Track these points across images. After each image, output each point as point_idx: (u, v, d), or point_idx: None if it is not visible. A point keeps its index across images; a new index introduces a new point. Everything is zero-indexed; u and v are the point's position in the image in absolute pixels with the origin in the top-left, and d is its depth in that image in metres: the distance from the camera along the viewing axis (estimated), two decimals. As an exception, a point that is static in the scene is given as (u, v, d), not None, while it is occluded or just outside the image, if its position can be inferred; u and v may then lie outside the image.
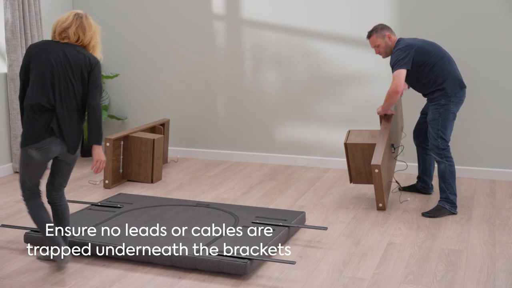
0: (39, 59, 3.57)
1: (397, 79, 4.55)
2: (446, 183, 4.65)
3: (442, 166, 4.65)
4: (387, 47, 4.76)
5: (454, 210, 4.63)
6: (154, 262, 3.85)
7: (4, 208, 4.97)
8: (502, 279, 3.58)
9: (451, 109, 4.63)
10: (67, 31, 3.64)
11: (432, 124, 4.67)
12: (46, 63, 3.56)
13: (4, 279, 3.64)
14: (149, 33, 6.69)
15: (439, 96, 4.63)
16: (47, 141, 3.56)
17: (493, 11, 5.48)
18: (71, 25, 3.64)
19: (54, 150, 3.59)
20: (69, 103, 3.60)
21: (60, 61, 3.57)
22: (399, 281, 3.57)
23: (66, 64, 3.58)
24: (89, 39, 3.69)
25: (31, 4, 5.97)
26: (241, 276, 3.64)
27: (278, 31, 6.19)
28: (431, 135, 4.69)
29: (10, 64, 5.89)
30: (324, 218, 4.65)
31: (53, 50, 3.59)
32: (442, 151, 4.64)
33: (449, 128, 4.65)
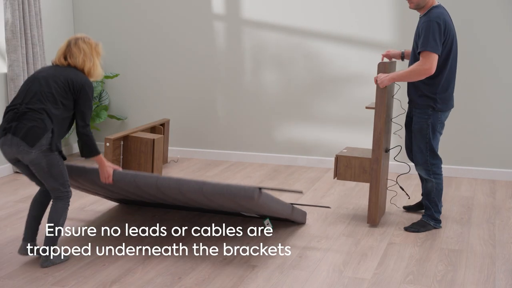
0: (30, 77, 3.73)
1: (432, 62, 3.96)
2: (431, 201, 4.34)
3: (429, 185, 4.31)
4: (423, 1, 4.09)
5: (438, 226, 4.37)
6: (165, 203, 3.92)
7: (4, 208, 4.97)
8: (502, 279, 3.58)
9: (440, 118, 4.20)
10: (61, 57, 3.77)
11: (419, 136, 4.22)
12: (33, 77, 3.70)
13: (4, 279, 3.64)
14: (149, 33, 6.69)
15: (426, 104, 4.17)
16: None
17: (495, 10, 5.48)
18: (63, 54, 3.76)
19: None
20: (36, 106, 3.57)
21: (46, 76, 3.66)
22: (399, 281, 3.57)
23: (51, 80, 3.64)
24: (82, 63, 3.74)
25: (31, 4, 5.97)
26: (241, 275, 3.64)
27: (278, 31, 6.19)
28: (417, 147, 4.25)
29: (10, 64, 5.89)
30: (324, 218, 4.65)
31: (46, 70, 3.73)
32: (431, 167, 4.26)
33: (438, 138, 4.26)
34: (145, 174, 3.90)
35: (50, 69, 3.74)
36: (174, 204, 4.42)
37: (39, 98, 3.57)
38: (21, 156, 3.52)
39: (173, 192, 3.89)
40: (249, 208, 4.00)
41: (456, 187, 5.42)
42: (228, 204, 3.93)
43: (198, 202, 4.04)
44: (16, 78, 5.89)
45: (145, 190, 3.98)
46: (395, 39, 5.77)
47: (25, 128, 3.48)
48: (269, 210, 4.03)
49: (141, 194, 4.16)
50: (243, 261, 3.85)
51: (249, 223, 4.53)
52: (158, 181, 3.85)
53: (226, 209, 4.27)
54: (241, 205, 3.90)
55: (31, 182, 5.70)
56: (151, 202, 4.60)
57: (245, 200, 3.72)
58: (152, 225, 4.51)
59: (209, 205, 4.13)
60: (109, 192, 4.33)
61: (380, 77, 4.17)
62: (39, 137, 3.48)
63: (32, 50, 6.04)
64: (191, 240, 4.21)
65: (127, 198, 4.53)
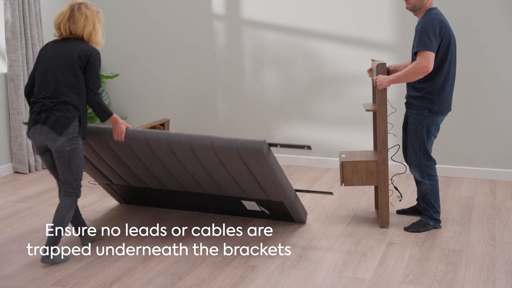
0: (38, 62, 3.87)
1: (428, 59, 3.98)
2: (429, 203, 4.33)
3: (424, 187, 4.30)
4: (420, 3, 4.11)
5: (438, 226, 4.37)
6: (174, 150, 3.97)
7: (4, 208, 4.97)
8: (502, 279, 3.58)
9: (436, 120, 4.19)
10: (60, 28, 3.82)
11: (414, 137, 4.23)
12: (44, 66, 3.81)
13: (4, 279, 3.64)
14: (149, 33, 6.69)
15: (423, 106, 4.17)
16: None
17: (495, 10, 5.48)
18: (63, 20, 3.81)
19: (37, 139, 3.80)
20: (55, 94, 3.74)
21: (58, 64, 3.76)
22: (399, 281, 3.57)
23: (63, 66, 3.75)
24: (82, 28, 3.80)
25: (31, 4, 5.97)
26: (241, 275, 3.64)
27: (278, 31, 6.19)
28: (411, 148, 4.25)
29: (10, 64, 5.89)
30: (324, 218, 4.65)
31: (53, 55, 3.79)
32: (424, 168, 4.25)
33: (432, 141, 4.25)
34: (156, 131, 3.99)
35: (55, 51, 3.80)
36: (180, 182, 4.41)
37: (60, 90, 3.73)
38: (49, 143, 3.72)
39: (184, 150, 3.94)
40: (256, 171, 3.98)
41: (456, 187, 5.42)
42: (236, 165, 3.94)
43: (207, 164, 4.04)
44: (16, 78, 5.89)
45: (155, 150, 4.04)
46: (395, 39, 5.77)
47: (54, 118, 3.69)
48: (274, 182, 4.05)
49: (149, 160, 4.18)
50: (243, 261, 3.85)
51: (249, 223, 4.53)
52: (169, 137, 3.94)
53: (229, 188, 4.27)
54: (249, 166, 3.92)
55: (31, 182, 5.71)
56: (155, 188, 4.61)
57: (253, 154, 3.78)
58: (152, 225, 4.51)
59: (216, 173, 4.12)
60: (115, 162, 4.35)
61: (380, 78, 4.17)
62: (66, 126, 3.69)
63: (32, 50, 6.05)
64: (191, 240, 4.21)
65: (131, 176, 4.52)
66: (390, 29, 5.79)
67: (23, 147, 5.97)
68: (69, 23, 3.78)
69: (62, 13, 3.81)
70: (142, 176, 4.47)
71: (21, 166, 6.01)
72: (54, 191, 5.42)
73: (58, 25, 3.83)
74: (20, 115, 5.92)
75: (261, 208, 4.41)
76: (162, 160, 4.18)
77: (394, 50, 5.79)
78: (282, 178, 4.09)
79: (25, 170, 6.01)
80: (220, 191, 4.42)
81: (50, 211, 4.88)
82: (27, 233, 4.39)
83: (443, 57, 4.11)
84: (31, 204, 5.06)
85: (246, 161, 3.89)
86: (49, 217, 4.73)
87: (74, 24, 3.78)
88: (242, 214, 4.64)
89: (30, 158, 6.05)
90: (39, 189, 5.48)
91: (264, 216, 4.59)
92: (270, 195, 4.26)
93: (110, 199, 5.13)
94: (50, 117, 3.69)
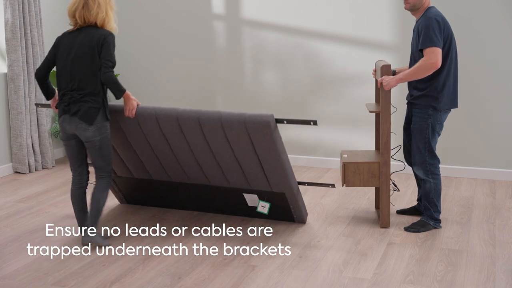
0: (57, 53, 4.03)
1: (437, 55, 4.00)
2: (431, 202, 4.33)
3: (428, 186, 4.30)
4: (419, 2, 4.14)
5: (438, 226, 4.37)
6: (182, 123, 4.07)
7: (4, 208, 4.97)
8: (502, 279, 3.58)
9: (440, 118, 4.22)
10: (75, 17, 3.97)
11: (419, 136, 4.24)
12: (59, 60, 4.01)
13: (4, 279, 3.64)
14: (149, 33, 6.69)
15: (427, 104, 4.18)
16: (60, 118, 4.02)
17: (496, 9, 5.48)
18: (77, 8, 3.95)
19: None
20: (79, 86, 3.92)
21: (79, 55, 3.92)
22: (399, 281, 3.57)
23: (78, 54, 3.92)
24: (95, 15, 3.95)
25: (31, 4, 5.97)
26: (241, 275, 3.64)
27: (278, 31, 6.19)
28: (416, 147, 4.27)
29: (10, 64, 5.89)
30: (324, 218, 4.65)
31: (73, 47, 3.94)
32: (429, 167, 4.26)
33: (436, 139, 4.27)
34: (165, 108, 4.12)
35: (74, 44, 3.94)
36: (184, 169, 4.45)
37: (85, 82, 3.90)
38: (78, 133, 3.93)
39: (192, 125, 4.06)
40: (261, 150, 4.04)
41: (456, 187, 5.42)
42: (241, 143, 4.03)
43: (213, 143, 4.12)
44: (16, 78, 5.89)
45: (163, 128, 4.15)
46: (395, 39, 5.77)
47: (83, 110, 3.89)
48: (278, 166, 4.09)
49: (156, 141, 4.27)
50: (243, 261, 3.85)
51: (249, 223, 4.54)
52: (178, 112, 4.06)
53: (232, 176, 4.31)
54: (254, 143, 4.01)
55: (31, 182, 5.71)
56: (158, 180, 4.63)
57: (260, 128, 3.88)
58: (152, 225, 4.51)
59: (220, 155, 4.19)
60: (122, 146, 4.42)
61: (386, 79, 4.16)
62: (95, 115, 3.90)
63: (32, 50, 6.05)
64: (191, 240, 4.21)
65: (135, 164, 4.57)
66: (390, 29, 5.79)
67: (23, 147, 5.97)
68: (83, 10, 3.93)
69: (76, 1, 3.94)
70: (147, 163, 4.50)
71: (21, 166, 6.01)
72: (54, 191, 5.42)
73: (73, 13, 3.96)
74: (20, 115, 5.92)
75: (262, 203, 4.40)
76: (169, 141, 4.24)
77: (394, 50, 5.79)
78: (285, 162, 4.12)
79: (25, 170, 6.01)
80: (223, 181, 4.42)
81: (50, 211, 4.88)
82: (27, 233, 4.39)
83: (445, 54, 4.13)
84: (31, 204, 5.06)
85: (252, 137, 3.97)
86: (49, 217, 4.73)
87: (88, 12, 3.93)
88: (243, 213, 4.63)
89: (30, 158, 6.05)
90: (39, 189, 5.48)
91: (263, 216, 4.59)
92: (272, 184, 4.27)
93: (111, 199, 5.14)
94: (79, 108, 3.89)
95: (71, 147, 4.06)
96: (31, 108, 6.06)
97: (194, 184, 4.56)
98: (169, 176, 4.56)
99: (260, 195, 4.42)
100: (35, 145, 6.11)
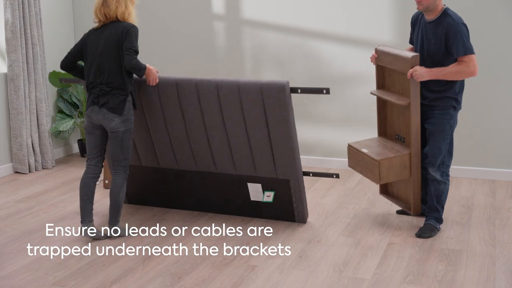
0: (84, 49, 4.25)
1: (475, 63, 4.07)
2: (441, 204, 4.32)
3: (442, 187, 4.28)
4: (433, 4, 4.10)
5: (439, 228, 4.36)
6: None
7: (4, 208, 4.97)
8: (502, 279, 3.58)
9: (456, 118, 4.27)
10: (97, 14, 4.17)
11: (440, 137, 4.21)
12: (88, 56, 4.22)
13: (4, 279, 3.64)
14: (149, 33, 6.69)
15: (449, 105, 4.19)
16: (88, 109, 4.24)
17: (495, 7, 5.48)
18: (98, 6, 4.16)
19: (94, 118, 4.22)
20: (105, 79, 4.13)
21: (105, 49, 4.12)
22: (399, 281, 3.57)
23: (104, 50, 4.12)
24: (115, 9, 4.13)
25: (31, 4, 5.97)
26: (241, 275, 3.64)
27: (278, 31, 6.19)
28: (436, 148, 4.22)
29: (10, 64, 5.89)
30: (324, 218, 4.65)
31: (100, 44, 4.15)
32: (445, 169, 4.25)
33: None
34: (186, 77, 4.35)
35: (100, 41, 4.14)
36: (193, 152, 4.55)
37: (114, 76, 4.10)
38: (105, 123, 4.13)
39: (210, 89, 4.25)
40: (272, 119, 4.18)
41: (456, 187, 5.42)
42: (254, 111, 4.19)
43: (227, 112, 4.28)
44: (16, 78, 5.89)
45: (181, 95, 4.33)
46: (395, 38, 5.77)
47: (111, 102, 4.09)
48: (287, 143, 4.19)
49: (173, 112, 4.42)
50: (243, 261, 3.86)
51: (249, 223, 4.54)
52: (197, 81, 4.28)
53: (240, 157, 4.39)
54: (267, 111, 4.18)
55: (31, 182, 5.71)
56: (165, 169, 4.70)
57: (275, 91, 4.08)
58: (152, 225, 4.51)
59: (231, 127, 4.32)
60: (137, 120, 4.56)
61: (420, 70, 4.09)
62: (123, 107, 4.11)
63: (32, 50, 6.05)
64: (191, 240, 4.21)
65: (145, 147, 4.67)
66: (390, 29, 5.79)
67: (23, 147, 5.97)
68: (103, 7, 4.13)
69: (98, 0, 4.16)
70: (157, 144, 4.60)
71: (21, 166, 6.01)
72: (54, 191, 5.42)
73: (95, 11, 4.18)
74: (20, 115, 5.92)
75: (267, 193, 4.43)
76: (184, 113, 4.40)
77: (394, 50, 5.78)
78: (294, 140, 4.19)
79: (25, 170, 6.01)
80: (230, 166, 4.48)
81: (50, 211, 4.88)
82: (27, 233, 4.39)
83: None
84: (31, 204, 5.06)
85: (266, 103, 4.14)
86: (49, 217, 4.73)
87: (107, 7, 4.12)
88: (243, 212, 4.64)
89: (30, 158, 6.05)
90: (39, 189, 5.48)
91: (263, 216, 4.59)
92: (278, 167, 4.33)
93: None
94: (108, 100, 4.09)
95: (95, 137, 4.22)
96: (31, 108, 6.06)
97: (200, 172, 4.60)
98: (177, 162, 4.62)
99: (265, 184, 4.44)
100: (35, 145, 6.11)
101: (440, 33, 4.11)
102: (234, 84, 4.19)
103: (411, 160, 4.27)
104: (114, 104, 4.09)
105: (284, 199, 4.45)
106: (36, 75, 6.08)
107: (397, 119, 4.44)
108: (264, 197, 4.47)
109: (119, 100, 4.10)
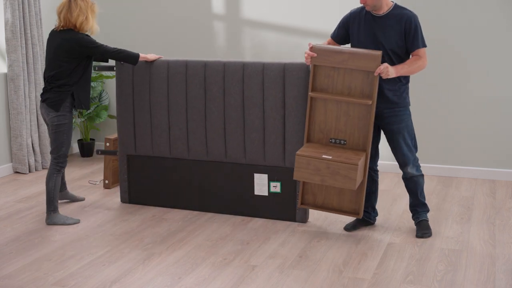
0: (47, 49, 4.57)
1: (426, 57, 4.10)
2: (423, 196, 4.31)
3: (421, 180, 4.25)
4: (379, 1, 4.02)
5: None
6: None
7: (4, 208, 4.97)
8: (502, 279, 3.58)
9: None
10: (59, 17, 4.43)
11: (407, 133, 4.17)
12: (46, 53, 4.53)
13: (4, 279, 3.64)
14: (149, 33, 6.69)
15: (407, 102, 4.18)
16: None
17: (494, 9, 5.48)
18: (63, 9, 4.42)
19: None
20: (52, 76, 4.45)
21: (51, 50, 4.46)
22: (399, 281, 3.57)
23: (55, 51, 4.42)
24: (76, 18, 4.39)
25: (31, 4, 5.97)
26: (241, 275, 3.64)
27: (278, 30, 6.19)
28: (405, 146, 4.17)
29: (10, 64, 5.89)
30: (324, 218, 4.65)
31: (49, 43, 4.48)
32: (417, 162, 4.23)
33: None
34: (214, 60, 4.74)
35: (53, 43, 4.43)
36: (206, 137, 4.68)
37: (57, 75, 4.40)
38: (45, 117, 4.53)
39: (236, 68, 4.65)
40: (290, 98, 4.44)
41: (456, 187, 5.42)
42: (273, 89, 4.52)
43: (248, 90, 4.59)
44: (16, 78, 5.89)
45: (210, 75, 4.67)
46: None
47: (50, 99, 4.44)
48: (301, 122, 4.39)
49: (196, 91, 4.69)
50: (243, 261, 3.86)
51: (249, 223, 4.54)
52: (225, 62, 4.70)
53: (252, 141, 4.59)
54: (286, 89, 4.48)
55: (31, 182, 5.72)
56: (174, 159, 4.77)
57: (296, 71, 4.45)
58: (152, 225, 4.52)
59: (249, 104, 4.57)
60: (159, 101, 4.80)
61: (389, 67, 3.95)
62: (60, 104, 4.42)
63: (32, 50, 6.05)
64: (191, 240, 4.21)
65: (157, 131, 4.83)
66: (390, 29, 5.78)
67: (23, 147, 5.97)
68: (67, 13, 4.39)
69: (63, 3, 4.42)
70: (173, 129, 4.74)
71: (21, 166, 6.01)
72: (54, 191, 5.42)
73: (59, 14, 4.43)
74: (20, 115, 5.92)
75: (273, 183, 4.51)
76: (207, 93, 4.66)
77: (394, 50, 5.78)
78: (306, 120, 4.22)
79: (25, 170, 6.01)
80: (240, 155, 4.58)
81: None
82: (27, 233, 4.39)
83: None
84: (31, 204, 5.06)
85: (286, 82, 4.46)
86: (49, 217, 4.74)
87: (70, 14, 4.38)
88: (243, 212, 4.64)
89: (30, 158, 6.06)
90: (39, 189, 5.48)
91: (263, 216, 4.60)
92: (287, 155, 4.43)
93: (111, 199, 5.14)
94: (47, 97, 4.45)
95: (48, 131, 4.63)
96: (31, 108, 6.06)
97: (210, 162, 4.68)
98: (188, 151, 4.71)
99: (272, 175, 4.51)
100: (35, 145, 6.11)
101: (397, 26, 4.02)
102: (259, 64, 4.60)
103: (366, 162, 4.11)
104: (52, 99, 4.41)
105: (287, 196, 4.47)
106: (36, 75, 6.09)
107: (335, 122, 4.12)
108: (270, 188, 4.50)
109: (55, 97, 4.41)
